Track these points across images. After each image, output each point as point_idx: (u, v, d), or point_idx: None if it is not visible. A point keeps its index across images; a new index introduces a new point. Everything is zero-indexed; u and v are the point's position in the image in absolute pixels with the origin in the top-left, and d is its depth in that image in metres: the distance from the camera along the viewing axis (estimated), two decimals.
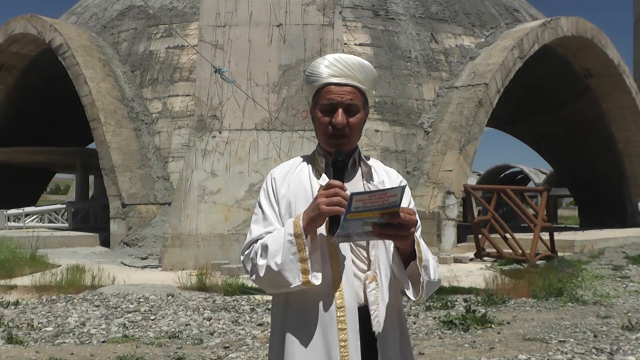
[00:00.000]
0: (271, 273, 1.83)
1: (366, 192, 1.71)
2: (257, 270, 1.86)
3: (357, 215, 1.70)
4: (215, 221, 12.59)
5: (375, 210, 1.70)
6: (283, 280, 1.82)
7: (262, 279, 1.86)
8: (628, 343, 5.63)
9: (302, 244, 1.81)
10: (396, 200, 1.70)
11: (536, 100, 24.77)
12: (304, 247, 1.81)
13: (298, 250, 1.81)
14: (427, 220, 15.57)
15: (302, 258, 1.80)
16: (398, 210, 1.72)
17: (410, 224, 1.76)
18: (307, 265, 1.80)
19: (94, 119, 17.76)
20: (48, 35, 19.31)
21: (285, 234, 1.83)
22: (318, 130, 2.00)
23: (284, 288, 1.85)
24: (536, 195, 27.24)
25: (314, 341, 1.85)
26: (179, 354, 5.20)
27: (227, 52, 13.06)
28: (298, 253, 1.81)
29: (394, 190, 1.70)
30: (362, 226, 1.74)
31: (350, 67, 1.96)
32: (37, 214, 21.17)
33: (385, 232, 1.75)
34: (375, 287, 1.88)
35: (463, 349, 5.45)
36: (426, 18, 19.98)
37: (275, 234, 1.88)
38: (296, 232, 1.81)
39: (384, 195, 1.69)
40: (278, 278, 1.82)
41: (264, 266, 1.84)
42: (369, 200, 1.69)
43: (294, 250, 1.81)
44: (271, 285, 1.88)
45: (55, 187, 67.67)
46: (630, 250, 15.66)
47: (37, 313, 7.17)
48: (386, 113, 17.73)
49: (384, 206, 1.70)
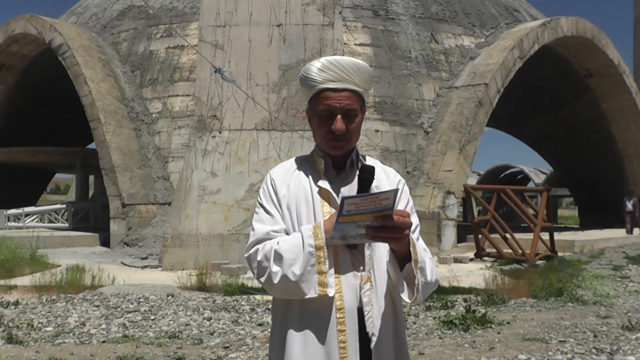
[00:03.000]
0: (287, 282, 1.81)
1: (358, 196, 1.70)
2: (271, 276, 1.83)
3: (350, 218, 1.70)
4: (215, 221, 12.59)
5: (367, 213, 1.70)
6: (299, 291, 1.81)
7: (276, 286, 1.84)
8: (628, 343, 5.63)
9: (322, 257, 1.80)
10: (389, 203, 1.69)
11: (536, 100, 24.76)
12: (324, 260, 1.79)
13: (317, 262, 1.80)
14: (427, 220, 15.57)
15: (321, 271, 1.80)
16: (391, 213, 1.71)
17: (404, 227, 1.75)
18: (324, 279, 1.79)
19: (94, 119, 17.76)
20: (48, 35, 19.31)
21: (305, 243, 1.81)
22: (316, 134, 1.98)
23: (296, 296, 1.83)
24: (536, 195, 27.23)
25: (314, 342, 1.85)
26: (179, 354, 5.20)
27: (227, 52, 13.06)
28: (317, 265, 1.79)
29: (387, 194, 1.69)
30: (355, 229, 1.73)
31: (346, 71, 1.93)
32: (37, 214, 21.14)
33: (378, 235, 1.74)
34: (370, 288, 1.87)
35: (463, 349, 5.45)
36: (426, 18, 19.98)
37: (291, 240, 1.85)
38: (317, 244, 1.80)
39: (377, 199, 1.68)
40: (294, 288, 1.81)
41: (278, 273, 1.82)
42: (361, 203, 1.68)
43: (314, 262, 1.80)
44: (284, 292, 1.86)
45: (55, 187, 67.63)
46: (630, 250, 15.67)
47: (37, 313, 7.17)
48: (386, 113, 17.73)
49: (377, 209, 1.69)
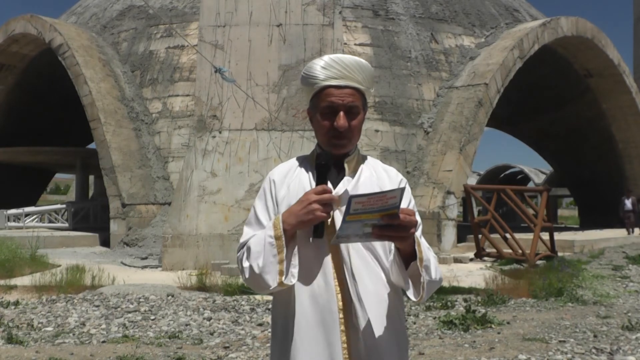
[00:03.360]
0: (254, 275, 1.84)
1: (365, 195, 1.70)
2: (244, 272, 1.88)
3: (356, 217, 1.70)
4: (215, 221, 12.59)
5: (374, 212, 1.70)
6: (264, 282, 1.83)
7: (248, 280, 1.89)
8: (628, 343, 5.63)
9: (282, 246, 1.82)
10: (395, 202, 1.70)
11: (536, 100, 24.75)
12: (283, 250, 1.82)
13: (278, 252, 1.82)
14: (427, 220, 15.57)
15: (280, 260, 1.82)
16: (397, 212, 1.72)
17: (410, 225, 1.75)
18: (283, 267, 1.81)
19: (94, 119, 17.76)
20: (48, 35, 19.30)
21: (265, 235, 1.85)
22: (318, 132, 1.99)
23: (265, 290, 1.86)
24: (536, 195, 27.22)
25: (316, 341, 1.85)
26: (179, 354, 5.20)
27: (227, 52, 13.06)
28: (278, 255, 1.82)
29: (394, 192, 1.69)
30: (362, 228, 1.73)
31: (348, 68, 1.94)
32: (37, 214, 21.14)
33: (384, 234, 1.75)
34: (367, 289, 1.88)
35: (463, 349, 5.45)
36: (426, 18, 19.98)
37: (258, 234, 1.89)
38: (276, 234, 1.83)
39: (383, 197, 1.69)
40: (259, 280, 1.84)
41: (247, 268, 1.86)
42: (368, 202, 1.68)
43: (275, 252, 1.82)
44: (255, 286, 1.90)
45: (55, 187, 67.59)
46: (630, 250, 15.67)
47: (37, 313, 7.17)
48: (386, 113, 17.73)
49: (384, 208, 1.70)
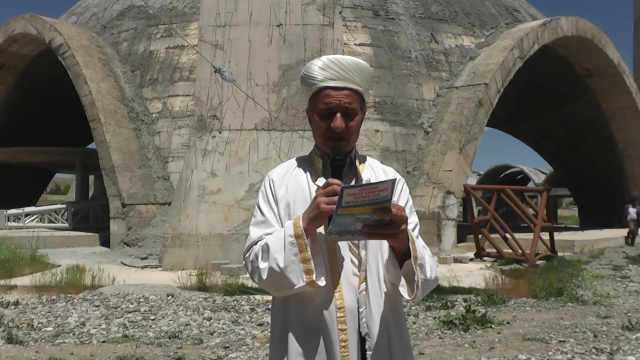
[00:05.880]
0: (274, 275, 1.82)
1: (357, 186, 1.69)
2: (260, 272, 1.85)
3: (349, 210, 1.69)
4: (215, 221, 12.59)
5: (366, 205, 1.69)
6: (287, 282, 1.81)
7: (266, 281, 1.85)
8: (628, 343, 5.63)
9: (304, 245, 1.80)
10: (387, 194, 1.68)
11: (536, 100, 24.75)
12: (306, 248, 1.79)
13: (300, 250, 1.80)
14: (427, 220, 15.56)
15: (305, 258, 1.79)
16: (389, 205, 1.71)
17: (400, 221, 1.74)
18: (310, 266, 1.79)
19: (94, 119, 17.76)
20: (48, 35, 19.30)
21: (285, 235, 1.82)
22: (316, 132, 1.99)
23: (287, 290, 1.83)
24: (536, 195, 27.23)
25: (314, 341, 1.85)
26: (179, 354, 5.20)
27: (227, 52, 13.06)
28: (300, 254, 1.79)
29: (385, 184, 1.68)
30: (354, 223, 1.72)
31: (347, 70, 1.94)
32: (37, 214, 21.14)
33: (375, 233, 1.74)
34: (365, 289, 1.88)
35: (463, 349, 5.45)
36: (426, 18, 19.98)
37: (275, 235, 1.87)
38: (297, 232, 1.80)
39: (375, 189, 1.68)
40: (281, 279, 1.81)
41: (266, 269, 1.83)
42: (360, 194, 1.67)
43: (296, 251, 1.80)
44: (275, 287, 1.86)
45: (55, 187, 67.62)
46: (630, 250, 15.69)
47: (37, 313, 7.17)
48: (386, 113, 17.73)
49: (375, 201, 1.69)
